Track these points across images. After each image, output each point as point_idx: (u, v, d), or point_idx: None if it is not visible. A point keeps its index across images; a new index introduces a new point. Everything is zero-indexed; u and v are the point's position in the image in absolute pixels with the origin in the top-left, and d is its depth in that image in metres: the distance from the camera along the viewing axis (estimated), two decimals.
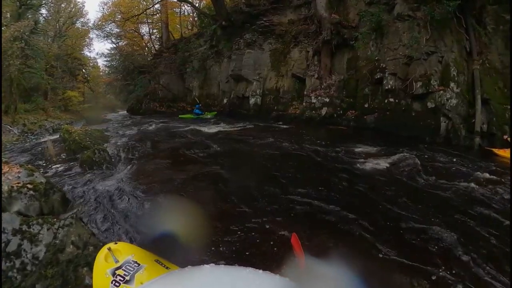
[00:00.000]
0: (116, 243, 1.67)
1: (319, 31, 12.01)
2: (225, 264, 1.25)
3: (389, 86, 9.26)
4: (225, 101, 16.08)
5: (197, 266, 1.06)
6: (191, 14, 27.08)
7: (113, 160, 6.00)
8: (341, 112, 10.91)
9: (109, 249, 1.61)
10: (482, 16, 8.73)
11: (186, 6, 24.59)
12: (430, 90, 8.40)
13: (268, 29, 14.08)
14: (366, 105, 10.08)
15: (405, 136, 8.24)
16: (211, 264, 1.04)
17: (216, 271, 1.04)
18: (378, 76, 9.65)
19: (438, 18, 8.42)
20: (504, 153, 6.86)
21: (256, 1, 15.26)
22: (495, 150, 7.07)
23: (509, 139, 7.36)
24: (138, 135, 9.77)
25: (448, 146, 7.53)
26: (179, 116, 15.48)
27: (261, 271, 1.03)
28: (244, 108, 14.62)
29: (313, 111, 11.39)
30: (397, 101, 9.12)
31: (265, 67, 14.13)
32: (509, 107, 7.73)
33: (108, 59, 32.50)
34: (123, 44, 28.24)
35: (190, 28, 27.67)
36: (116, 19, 24.77)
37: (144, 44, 29.36)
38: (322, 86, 11.64)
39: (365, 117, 9.83)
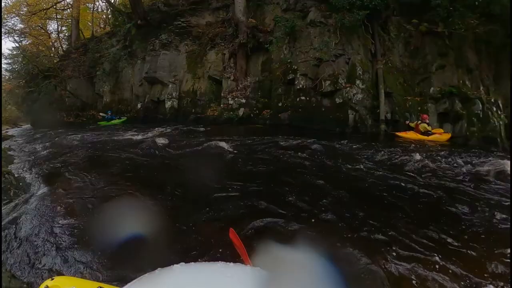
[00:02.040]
0: (52, 279, 1.45)
1: (236, 34, 12.42)
2: (193, 262, 1.13)
3: (301, 85, 10.24)
4: (139, 106, 15.10)
5: (167, 268, 1.02)
6: (105, 11, 25.36)
7: (21, 184, 4.86)
8: (257, 111, 11.60)
9: (47, 287, 1.42)
10: (387, 25, 10.41)
11: (100, 2, 23.06)
12: (338, 88, 9.55)
13: (185, 30, 13.90)
14: (280, 104, 10.76)
15: (317, 129, 9.21)
16: (181, 263, 1.02)
17: (188, 269, 1.03)
18: (291, 77, 10.48)
19: (348, 25, 9.59)
20: (405, 134, 8.93)
21: (174, 0, 14.92)
22: (398, 133, 9.00)
23: (410, 124, 9.22)
24: (46, 152, 8.28)
25: (357, 134, 8.93)
26: (98, 123, 14.49)
27: (231, 263, 1.09)
28: (160, 112, 14.05)
29: (231, 112, 11.73)
30: (308, 98, 10.13)
31: (181, 69, 13.84)
32: (409, 98, 9.83)
33: (9, 62, 28.76)
34: (27, 43, 24.68)
35: (102, 26, 25.70)
36: (21, 12, 21.13)
37: (51, 43, 26.13)
38: (239, 88, 12.08)
39: (279, 115, 10.55)
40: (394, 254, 2.57)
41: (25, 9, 21.02)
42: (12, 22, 22.36)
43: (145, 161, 6.03)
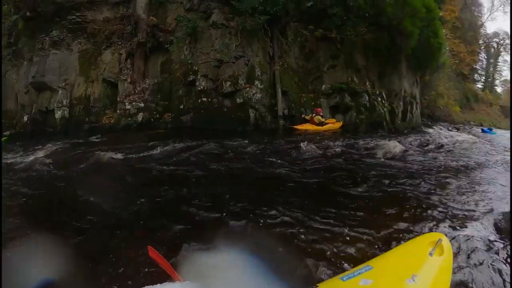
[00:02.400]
0: None
1: (135, 33, 11.68)
2: None
3: (202, 87, 10.45)
4: (25, 118, 12.50)
5: None
6: None
7: None
8: (157, 116, 11.19)
9: None
10: (285, 29, 11.33)
11: None
12: (238, 88, 10.15)
13: (80, 26, 12.37)
14: (181, 106, 10.77)
15: (220, 129, 9.52)
16: None
17: None
18: (191, 78, 10.60)
19: (249, 28, 10.23)
20: (302, 127, 10.12)
21: None
22: (296, 126, 10.10)
23: (306, 117, 10.38)
24: None
25: (258, 130, 9.75)
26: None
27: (158, 285, 1.12)
28: (49, 124, 11.93)
29: (129, 118, 10.98)
30: (209, 100, 10.42)
31: (73, 71, 12.16)
32: (303, 95, 11.12)
33: None
34: None
35: None
36: None
37: None
38: (136, 91, 11.43)
39: (181, 117, 10.54)
40: (307, 234, 2.77)
41: None
42: None
43: (30, 192, 5.07)
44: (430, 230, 3.12)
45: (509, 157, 9.40)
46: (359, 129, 10.96)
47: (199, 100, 10.46)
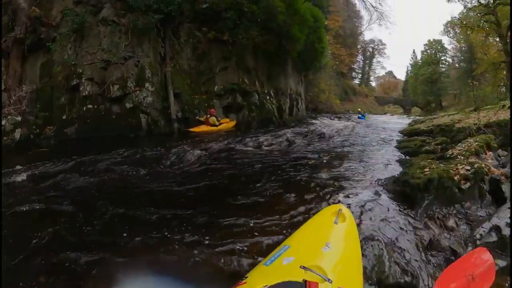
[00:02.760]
0: None
1: (12, 26, 9.53)
2: None
3: (87, 92, 9.02)
4: None
5: None
6: None
7: None
8: (38, 130, 9.02)
9: None
10: (178, 30, 11.14)
11: None
12: (127, 92, 9.22)
13: None
14: (65, 117, 9.08)
15: (110, 138, 8.42)
16: None
17: None
18: (75, 83, 9.03)
19: (141, 27, 9.51)
20: (197, 129, 10.03)
21: None
22: (191, 129, 9.97)
23: (200, 118, 10.52)
24: None
25: (152, 136, 9.16)
26: None
27: None
28: None
29: (5, 137, 8.49)
30: (96, 106, 9.13)
31: None
32: (196, 96, 11.16)
33: None
34: None
35: None
36: None
37: None
38: (12, 101, 9.13)
39: (65, 130, 8.89)
40: (214, 240, 2.70)
41: None
42: None
43: None
44: (330, 204, 3.49)
45: (383, 135, 11.85)
46: (251, 126, 11.84)
47: (84, 108, 9.05)
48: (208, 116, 10.32)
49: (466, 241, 3.24)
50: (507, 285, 2.56)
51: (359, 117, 22.08)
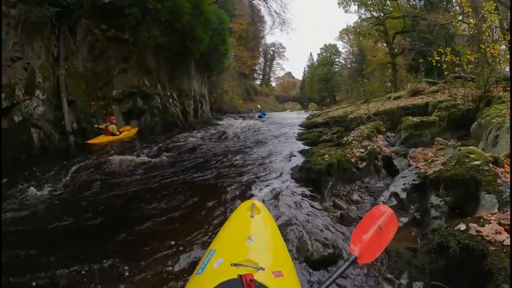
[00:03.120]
0: None
1: None
2: None
3: None
4: None
5: None
6: None
7: None
8: None
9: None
10: (75, 26, 9.91)
11: None
12: (15, 102, 7.77)
13: None
14: None
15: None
16: None
17: None
18: None
19: (33, 20, 8.20)
20: (96, 140, 9.08)
21: None
22: (89, 141, 9.01)
23: (99, 127, 9.54)
24: None
25: (46, 154, 7.90)
26: None
27: None
28: None
29: None
30: None
31: None
32: (93, 103, 10.14)
33: None
34: None
35: None
36: None
37: None
38: None
39: None
40: (137, 268, 2.57)
41: None
42: None
43: None
44: (243, 200, 3.44)
45: (285, 130, 12.92)
46: (155, 131, 11.53)
47: None
48: (108, 124, 9.58)
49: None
50: (412, 234, 3.11)
51: (259, 116, 22.18)
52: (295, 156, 6.95)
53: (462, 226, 2.31)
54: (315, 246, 2.65)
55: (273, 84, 69.97)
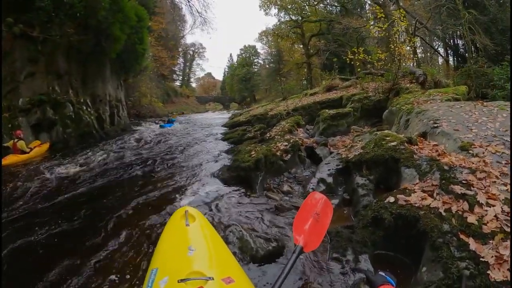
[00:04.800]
0: None
1: None
2: None
3: None
4: None
5: None
6: None
7: None
8: None
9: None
10: None
11: None
12: None
13: None
14: None
15: None
16: None
17: None
18: None
19: None
20: (5, 161, 7.52)
21: None
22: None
23: (7, 145, 8.21)
24: None
25: None
26: None
27: None
28: None
29: None
30: None
31: None
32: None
33: None
34: None
35: None
36: None
37: None
38: None
39: None
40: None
41: None
42: None
43: None
44: (176, 207, 3.56)
45: (208, 131, 12.80)
46: (69, 145, 10.42)
47: None
48: (16, 140, 8.33)
49: (303, 196, 4.09)
50: (345, 213, 3.45)
51: (161, 126, 17.31)
52: (222, 156, 7.18)
53: (391, 199, 2.80)
54: (257, 242, 2.70)
55: (194, 85, 69.96)
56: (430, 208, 2.50)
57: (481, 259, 1.92)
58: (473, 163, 3.14)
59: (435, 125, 4.65)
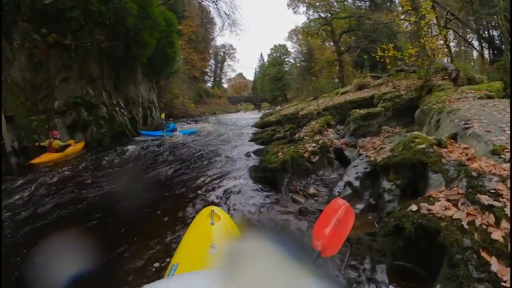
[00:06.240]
0: None
1: None
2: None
3: None
4: None
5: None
6: None
7: None
8: None
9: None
10: (11, 31, 9.00)
11: None
12: None
13: None
14: None
15: None
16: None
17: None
18: None
19: None
20: (40, 159, 8.19)
21: None
22: (33, 161, 8.04)
23: (42, 144, 8.68)
24: None
25: None
26: None
27: (185, 273, 1.10)
28: None
29: None
30: None
31: None
32: (34, 118, 9.10)
33: None
34: None
35: None
36: None
37: None
38: None
39: None
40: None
41: None
42: None
43: None
44: (202, 206, 3.64)
45: (239, 131, 12.98)
46: (103, 144, 10.96)
47: None
48: (51, 140, 8.79)
49: (329, 200, 3.85)
50: (369, 218, 3.32)
51: (151, 134, 13.40)
52: (250, 156, 7.15)
53: (414, 207, 2.56)
54: None
55: (225, 85, 70.91)
56: (453, 219, 2.25)
57: (502, 283, 1.67)
58: (504, 170, 2.79)
59: (466, 126, 4.29)
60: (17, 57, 9.23)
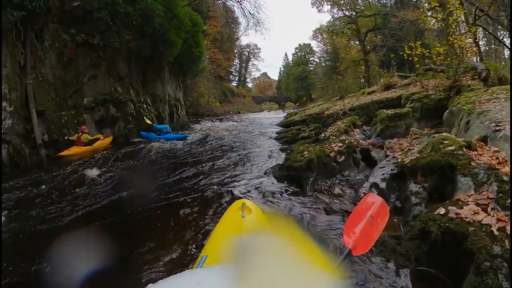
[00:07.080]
0: None
1: None
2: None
3: None
4: None
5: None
6: None
7: None
8: None
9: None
10: (42, 32, 9.39)
11: None
12: None
13: None
14: None
15: None
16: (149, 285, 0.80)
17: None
18: None
19: None
20: (69, 152, 8.69)
21: None
22: (62, 154, 8.55)
23: (70, 138, 9.17)
24: None
25: (18, 171, 7.12)
26: None
27: (198, 268, 1.18)
28: None
29: None
30: None
31: None
32: (63, 113, 9.57)
33: None
34: None
35: None
36: None
37: None
38: None
39: None
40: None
41: None
42: None
43: None
44: (234, 199, 3.69)
45: (264, 130, 13.02)
46: (130, 139, 11.23)
47: None
48: (80, 134, 9.19)
49: (354, 201, 3.94)
50: (395, 221, 3.23)
51: (144, 136, 12.00)
52: (275, 154, 7.12)
53: (442, 210, 2.40)
54: None
55: (250, 85, 71.05)
56: (482, 224, 2.10)
57: None
58: None
59: (497, 128, 4.00)
60: (48, 56, 9.62)
